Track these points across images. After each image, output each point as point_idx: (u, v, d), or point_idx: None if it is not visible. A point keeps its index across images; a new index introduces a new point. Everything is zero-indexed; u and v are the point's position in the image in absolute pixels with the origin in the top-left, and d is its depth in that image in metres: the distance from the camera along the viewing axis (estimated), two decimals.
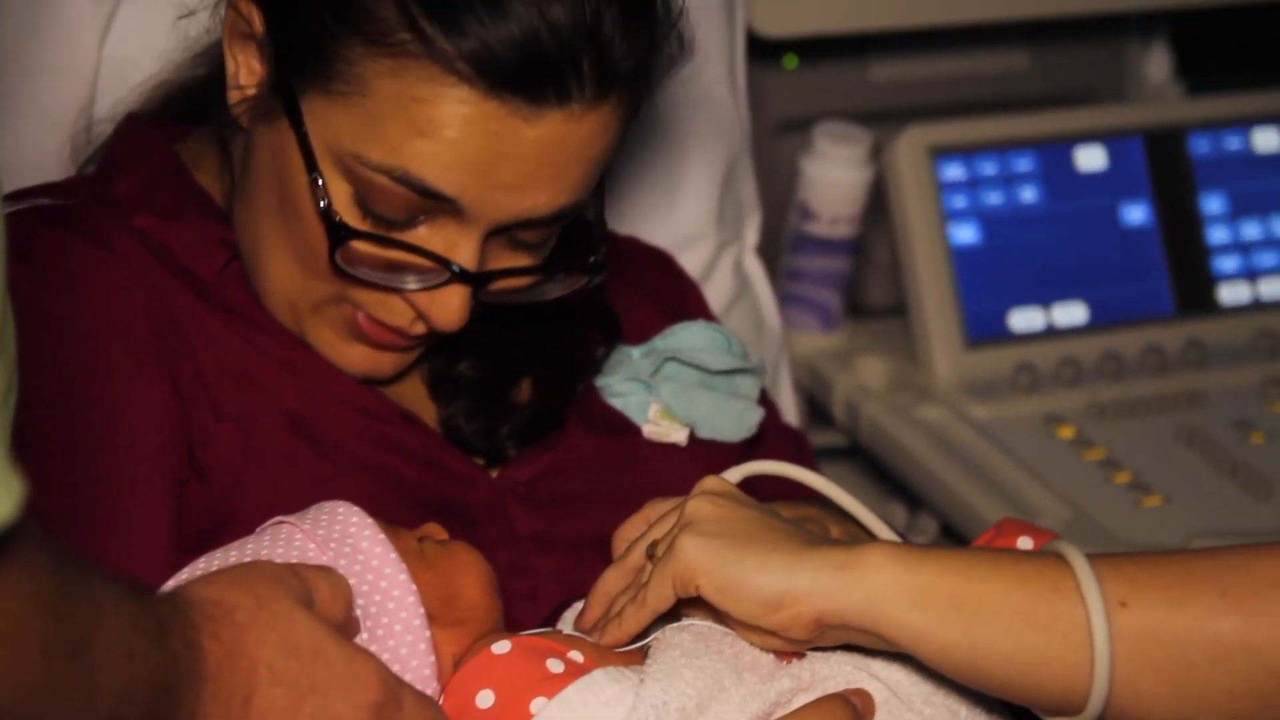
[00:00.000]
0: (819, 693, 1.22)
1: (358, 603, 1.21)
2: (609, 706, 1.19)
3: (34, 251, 1.37)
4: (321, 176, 1.32)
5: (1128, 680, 1.15)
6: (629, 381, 1.52)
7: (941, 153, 2.08)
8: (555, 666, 1.21)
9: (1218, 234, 2.16)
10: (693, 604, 1.23)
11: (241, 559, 1.23)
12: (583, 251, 1.42)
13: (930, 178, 2.07)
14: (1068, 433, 1.98)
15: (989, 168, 2.10)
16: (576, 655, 1.23)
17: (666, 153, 1.90)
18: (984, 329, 2.08)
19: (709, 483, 1.26)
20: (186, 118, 1.52)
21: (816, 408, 2.15)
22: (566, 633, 1.29)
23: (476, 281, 1.35)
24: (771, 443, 1.58)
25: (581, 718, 1.19)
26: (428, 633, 1.23)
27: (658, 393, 1.52)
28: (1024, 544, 1.30)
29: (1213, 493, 1.89)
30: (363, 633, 1.21)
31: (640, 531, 1.30)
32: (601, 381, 1.53)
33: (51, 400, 1.33)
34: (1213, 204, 2.17)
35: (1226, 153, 2.18)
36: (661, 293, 1.65)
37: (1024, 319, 2.09)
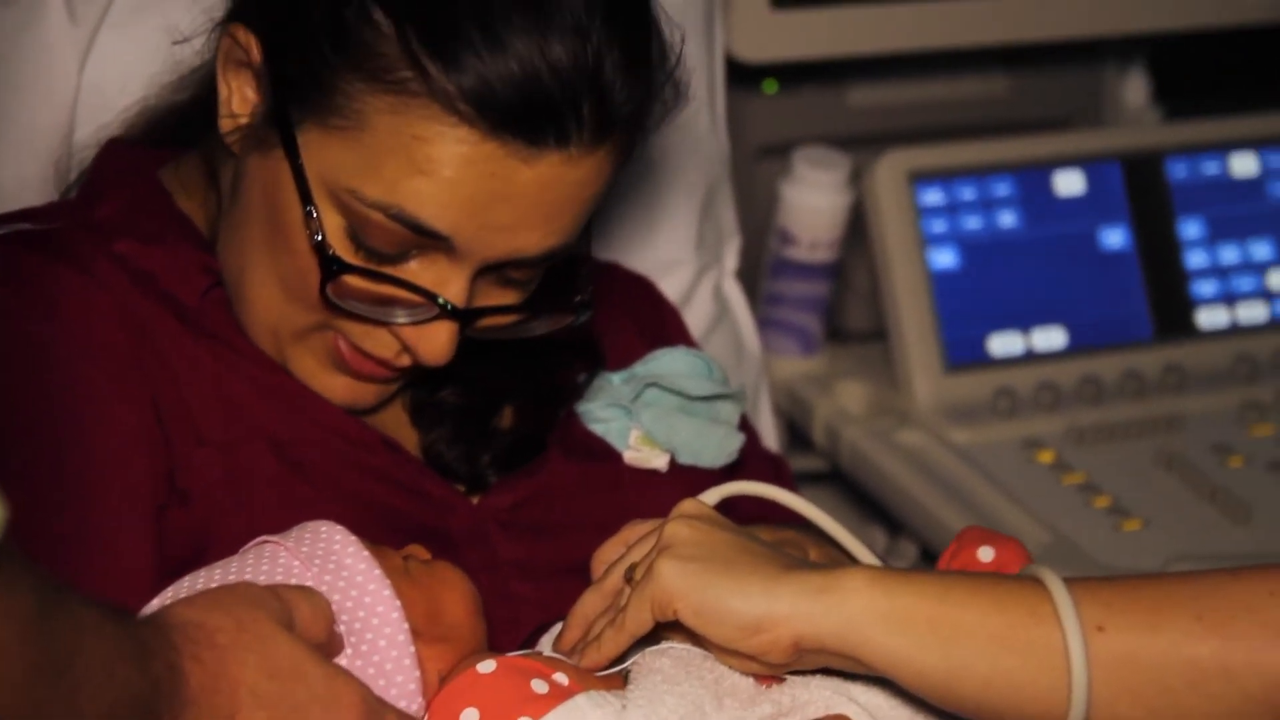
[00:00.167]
0: (799, 718, 1.22)
1: (341, 618, 1.22)
2: None
3: (15, 276, 1.37)
4: (316, 209, 1.32)
5: (1105, 704, 1.15)
6: (610, 407, 1.52)
7: (920, 177, 2.09)
8: (540, 687, 1.21)
9: (1196, 258, 2.17)
10: (671, 626, 1.23)
11: (226, 578, 1.23)
12: (569, 289, 1.43)
13: (909, 202, 2.08)
14: (1047, 457, 1.98)
15: (968, 192, 2.10)
16: (561, 677, 1.23)
17: (646, 178, 1.90)
18: (963, 353, 2.08)
19: (687, 506, 1.27)
20: (170, 143, 1.52)
21: (796, 432, 2.16)
22: (548, 654, 1.30)
23: (465, 318, 1.36)
24: (752, 468, 1.58)
25: None
26: (412, 648, 1.23)
27: (639, 419, 1.52)
28: (985, 554, 1.30)
29: (1192, 516, 1.90)
30: (347, 648, 1.22)
31: (619, 554, 1.31)
32: (582, 407, 1.53)
33: (33, 425, 1.33)
34: (1191, 229, 2.17)
35: (1204, 177, 2.19)
36: (642, 319, 1.65)
37: (1003, 343, 2.10)
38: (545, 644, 1.33)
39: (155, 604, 1.22)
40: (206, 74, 1.47)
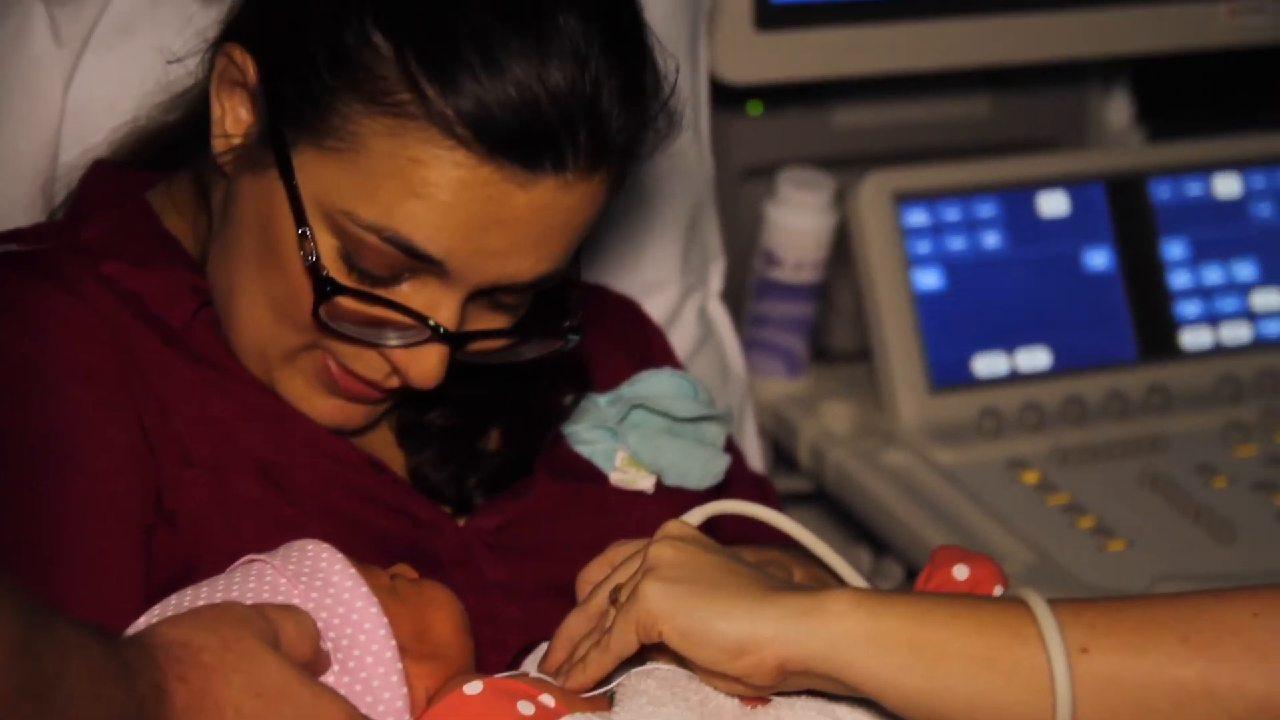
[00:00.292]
0: None
1: (329, 635, 1.22)
2: None
3: (1, 297, 1.37)
4: (310, 230, 1.33)
5: None
6: (596, 429, 1.52)
7: (905, 198, 2.09)
8: (526, 709, 1.22)
9: (1179, 279, 2.18)
10: (657, 648, 1.23)
11: (213, 597, 1.24)
12: (559, 314, 1.43)
13: (894, 223, 2.08)
14: (1031, 477, 1.99)
15: (952, 213, 2.11)
16: (547, 699, 1.23)
17: (631, 199, 1.90)
18: (948, 374, 2.08)
19: (672, 527, 1.27)
20: (158, 163, 1.52)
21: (781, 453, 2.16)
22: (534, 675, 1.30)
23: (456, 341, 1.36)
24: (738, 489, 1.58)
25: None
26: (399, 665, 1.23)
27: (624, 440, 1.52)
28: (960, 572, 1.30)
29: (1176, 537, 1.90)
30: (334, 664, 1.22)
31: (604, 574, 1.31)
32: (568, 429, 1.53)
33: (19, 446, 1.33)
34: (1174, 249, 2.18)
35: (1187, 198, 2.20)
36: (628, 340, 1.65)
37: (987, 364, 2.10)
38: (530, 664, 1.33)
39: (142, 622, 1.22)
40: (197, 94, 1.47)
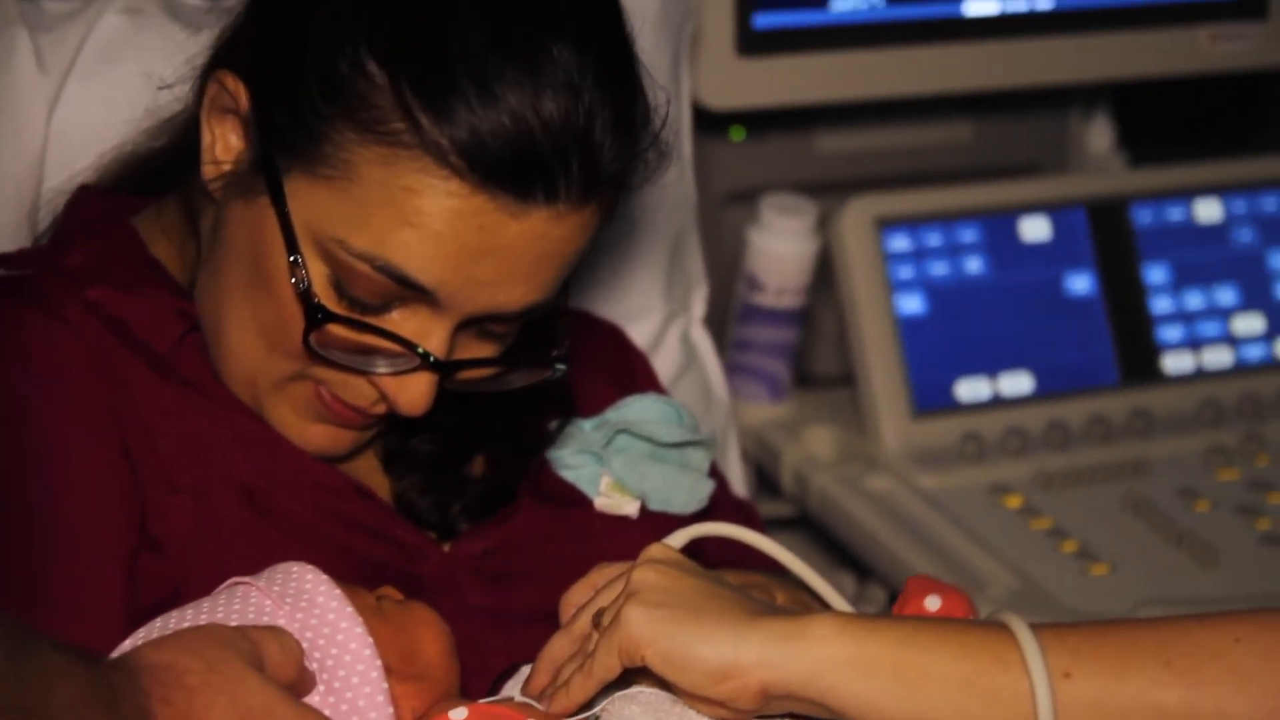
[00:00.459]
0: None
1: (314, 656, 1.22)
2: None
3: None
4: (301, 257, 1.33)
5: None
6: (581, 454, 1.53)
7: (887, 224, 2.10)
8: None
9: (1161, 304, 2.18)
10: (640, 671, 1.23)
11: (198, 620, 1.24)
12: (546, 343, 1.44)
13: (876, 248, 2.08)
14: (1014, 502, 1.99)
15: (934, 238, 2.11)
16: None
17: (614, 225, 1.90)
18: (931, 399, 2.09)
19: (655, 551, 1.27)
20: (144, 189, 1.52)
21: (765, 478, 2.16)
22: (519, 699, 1.30)
23: (445, 370, 1.36)
24: (722, 515, 1.58)
25: None
26: (385, 685, 1.23)
27: (609, 465, 1.52)
28: (931, 603, 1.30)
29: (1159, 561, 1.90)
30: (319, 685, 1.22)
31: (587, 596, 1.31)
32: (553, 454, 1.53)
33: (3, 471, 1.33)
34: (1156, 274, 2.19)
35: (1169, 223, 2.20)
36: (612, 366, 1.65)
37: (970, 389, 2.10)
38: (511, 687, 1.33)
39: (126, 645, 1.22)
40: (185, 120, 1.47)
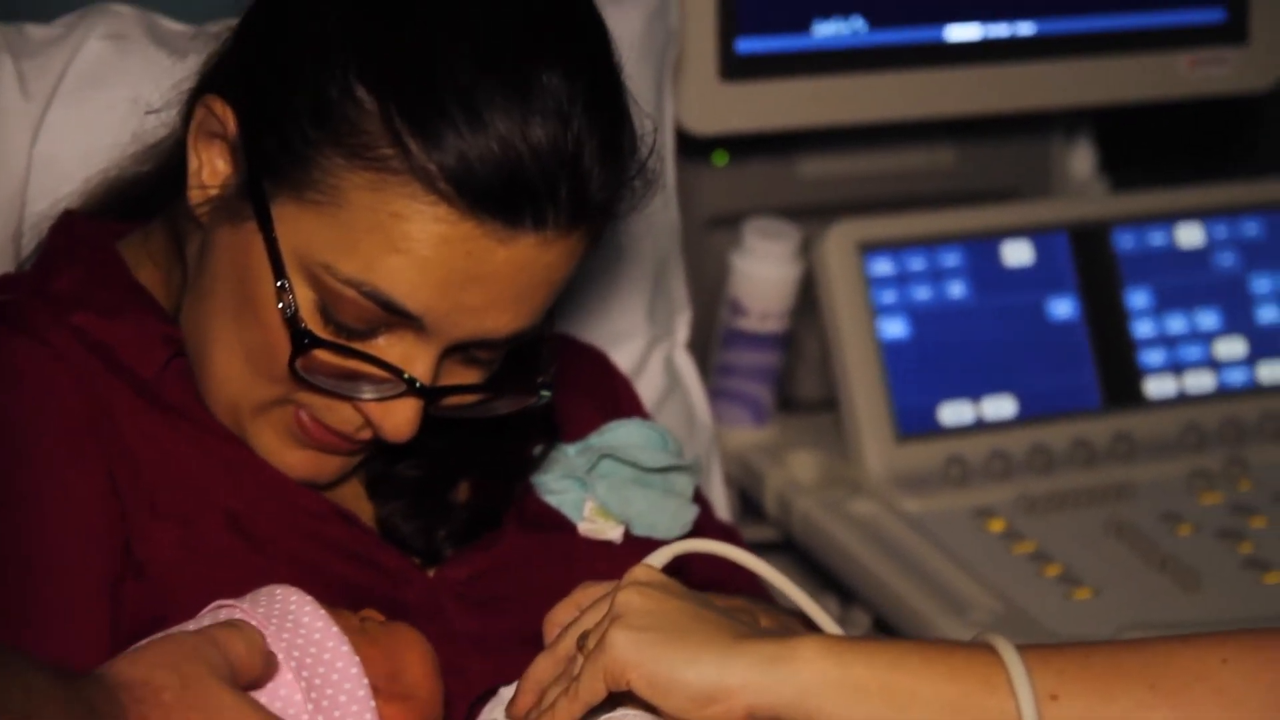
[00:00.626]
0: None
1: (302, 675, 1.22)
2: None
3: None
4: (288, 282, 1.33)
5: None
6: (565, 479, 1.52)
7: (870, 248, 2.10)
8: None
9: (1143, 328, 2.19)
10: (626, 694, 1.23)
11: None
12: (531, 369, 1.44)
13: (859, 273, 2.09)
14: (998, 526, 1.99)
15: (917, 263, 2.12)
16: None
17: (599, 249, 1.90)
18: (914, 423, 2.09)
19: (639, 572, 1.27)
20: (129, 214, 1.52)
21: (748, 502, 2.16)
22: None
23: (431, 396, 1.36)
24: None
25: None
26: (373, 704, 1.24)
27: (593, 490, 1.52)
28: None
29: (1142, 585, 1.90)
30: (309, 704, 1.22)
31: (571, 616, 1.31)
32: (537, 479, 1.53)
33: None
34: (1138, 298, 2.19)
35: (1151, 248, 2.21)
36: (596, 391, 1.65)
37: (953, 413, 2.11)
38: (493, 707, 1.33)
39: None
40: (171, 145, 1.47)
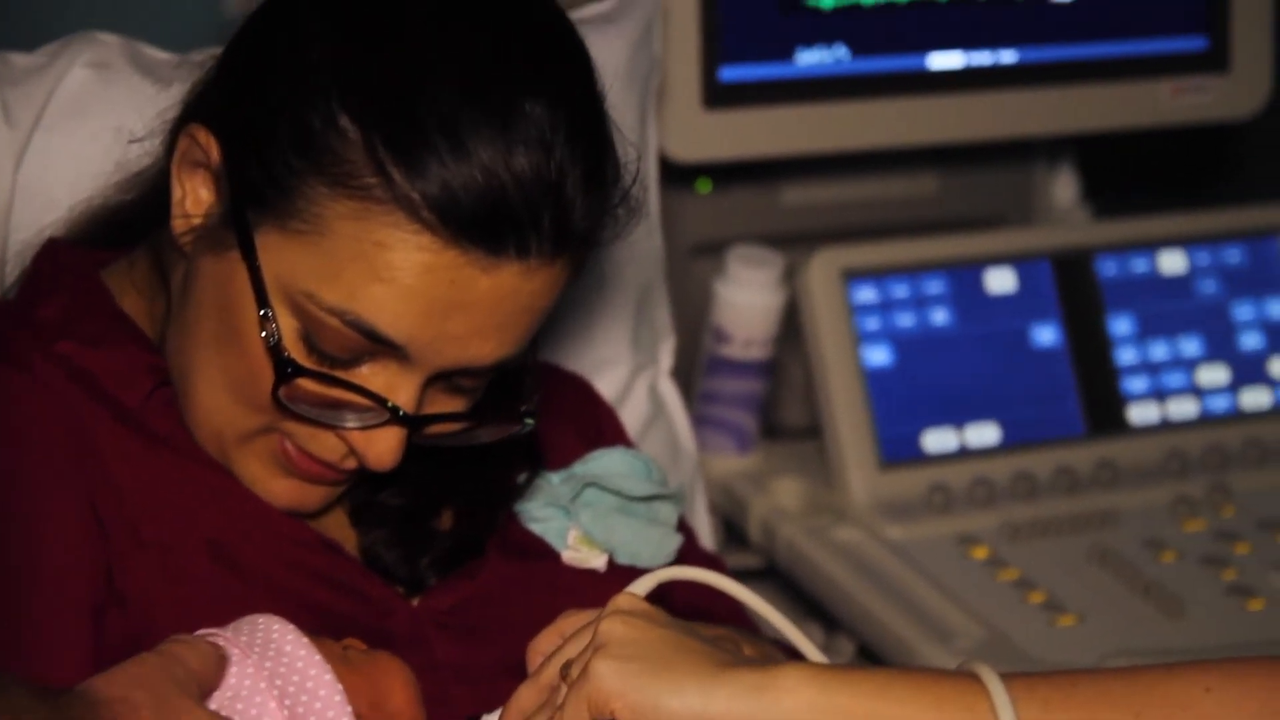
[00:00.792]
0: None
1: (285, 703, 1.23)
2: None
3: None
4: (271, 311, 1.32)
5: None
6: (548, 507, 1.52)
7: (854, 275, 2.10)
8: None
9: (1126, 355, 2.19)
10: None
11: None
12: (515, 397, 1.44)
13: (843, 300, 2.09)
14: (981, 553, 1.99)
15: (900, 290, 2.12)
16: None
17: (582, 277, 1.91)
18: (898, 450, 2.09)
19: (622, 601, 1.26)
20: (114, 242, 1.52)
21: (732, 529, 2.16)
22: None
23: (414, 424, 1.36)
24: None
25: None
26: None
27: (577, 519, 1.52)
28: None
29: (1125, 612, 1.90)
30: None
31: (555, 645, 1.30)
32: (521, 507, 1.53)
33: None
34: (1121, 325, 2.20)
35: (1133, 275, 2.21)
36: (579, 419, 1.65)
37: (937, 440, 2.11)
38: None
39: None
40: (155, 174, 1.47)
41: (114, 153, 1.54)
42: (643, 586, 1.31)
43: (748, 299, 2.14)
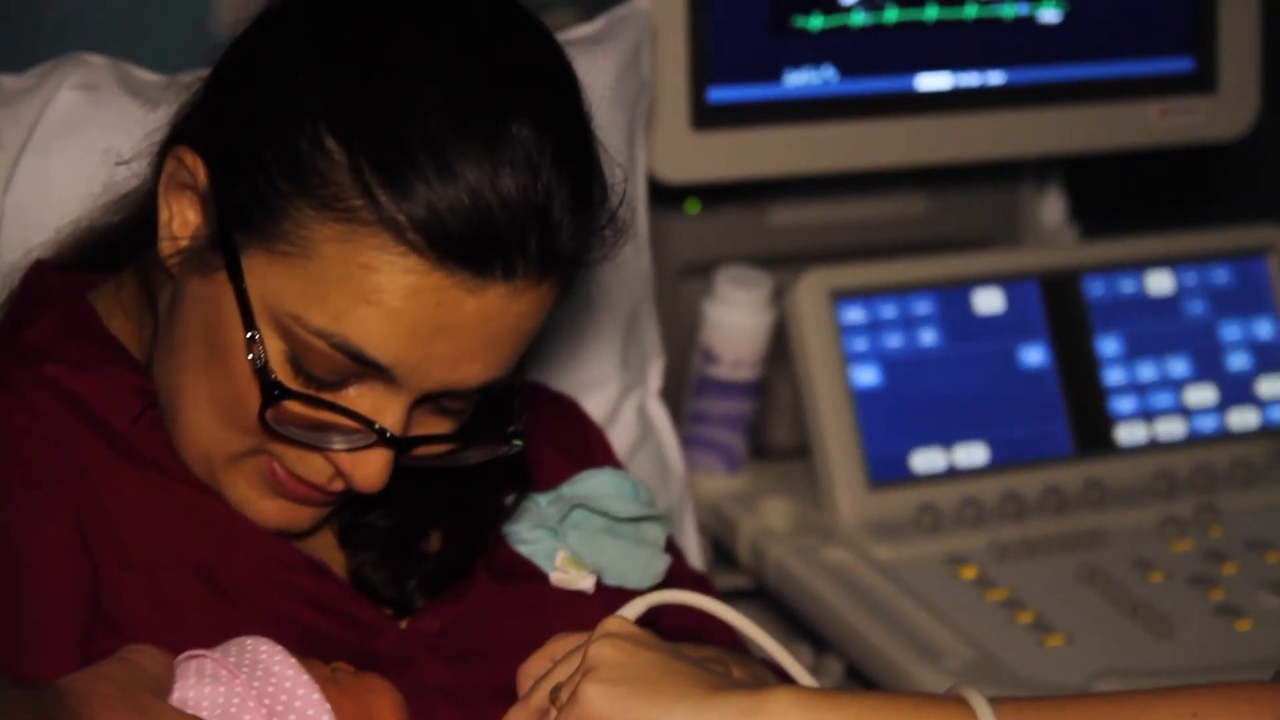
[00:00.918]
0: None
1: None
2: None
3: None
4: (258, 334, 1.32)
5: None
6: (536, 529, 1.52)
7: (842, 296, 2.11)
8: None
9: (1114, 375, 2.19)
10: None
11: None
12: (502, 418, 1.43)
13: (831, 321, 2.09)
14: (970, 573, 1.99)
15: (889, 311, 2.12)
16: None
17: (570, 298, 1.91)
18: (886, 470, 2.09)
19: (611, 624, 1.26)
20: (101, 264, 1.52)
21: (721, 550, 2.16)
22: None
23: (401, 446, 1.36)
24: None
25: None
26: None
27: (565, 540, 1.52)
28: None
29: (1114, 632, 1.91)
30: None
31: (545, 668, 1.30)
32: (509, 529, 1.53)
33: None
34: (1108, 346, 2.20)
35: (1121, 295, 2.22)
36: (568, 440, 1.65)
37: (925, 460, 2.11)
38: None
39: None
40: (142, 195, 1.47)
41: (102, 174, 1.54)
42: (633, 610, 1.31)
43: (736, 319, 2.14)
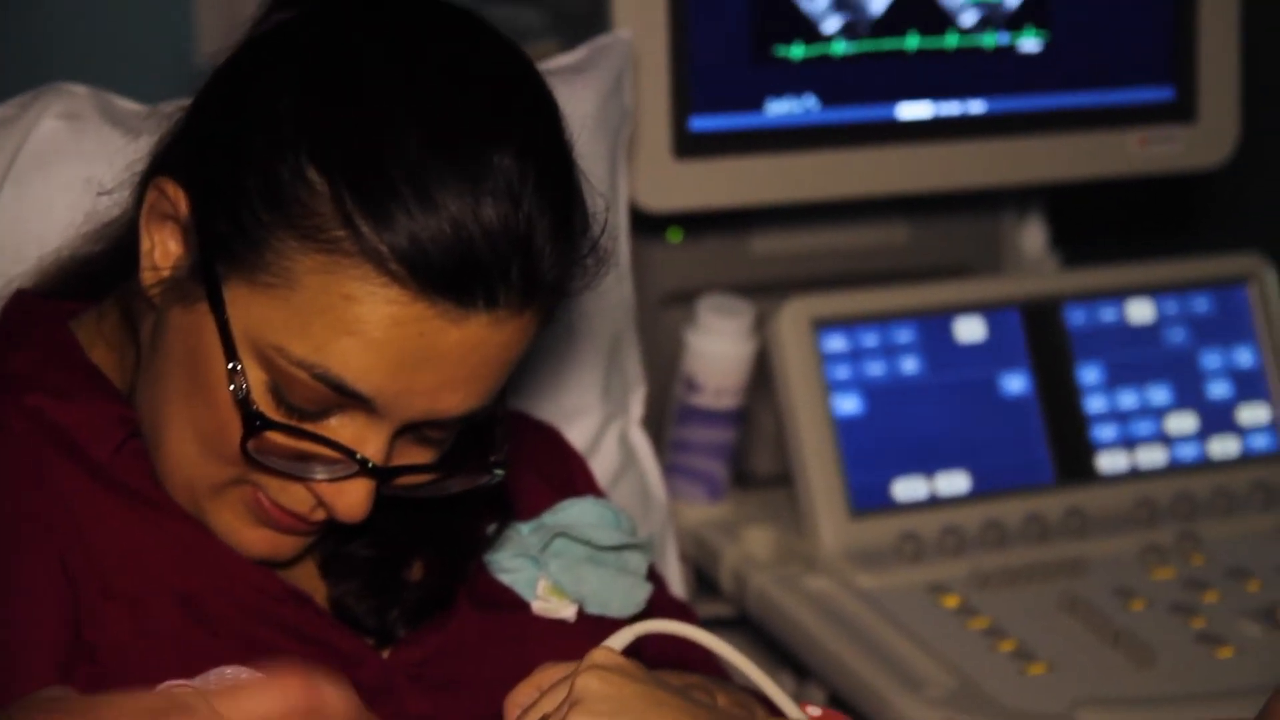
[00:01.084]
0: None
1: None
2: None
3: None
4: (240, 364, 1.32)
5: None
6: (518, 558, 1.52)
7: (823, 324, 2.11)
8: None
9: (1095, 403, 2.20)
10: None
11: None
12: (484, 448, 1.43)
13: (813, 349, 2.10)
14: (952, 601, 1.99)
15: (870, 339, 2.13)
16: None
17: (552, 326, 1.91)
18: (868, 499, 2.09)
19: (598, 656, 1.26)
20: (83, 294, 1.52)
21: (703, 578, 2.16)
22: None
23: (383, 476, 1.36)
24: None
25: None
26: None
27: (546, 568, 1.52)
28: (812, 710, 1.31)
29: (1095, 660, 1.91)
30: None
31: (532, 698, 1.30)
32: (490, 557, 1.53)
33: None
34: (1089, 374, 2.20)
35: (1102, 324, 2.22)
36: (549, 469, 1.65)
37: (907, 488, 2.11)
38: None
39: None
40: (123, 226, 1.47)
41: (84, 204, 1.54)
42: (619, 641, 1.31)
43: (718, 348, 2.15)
